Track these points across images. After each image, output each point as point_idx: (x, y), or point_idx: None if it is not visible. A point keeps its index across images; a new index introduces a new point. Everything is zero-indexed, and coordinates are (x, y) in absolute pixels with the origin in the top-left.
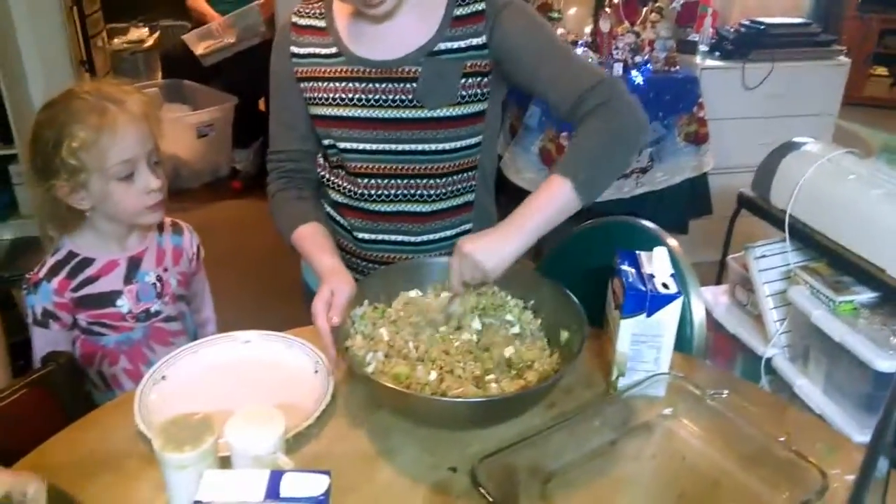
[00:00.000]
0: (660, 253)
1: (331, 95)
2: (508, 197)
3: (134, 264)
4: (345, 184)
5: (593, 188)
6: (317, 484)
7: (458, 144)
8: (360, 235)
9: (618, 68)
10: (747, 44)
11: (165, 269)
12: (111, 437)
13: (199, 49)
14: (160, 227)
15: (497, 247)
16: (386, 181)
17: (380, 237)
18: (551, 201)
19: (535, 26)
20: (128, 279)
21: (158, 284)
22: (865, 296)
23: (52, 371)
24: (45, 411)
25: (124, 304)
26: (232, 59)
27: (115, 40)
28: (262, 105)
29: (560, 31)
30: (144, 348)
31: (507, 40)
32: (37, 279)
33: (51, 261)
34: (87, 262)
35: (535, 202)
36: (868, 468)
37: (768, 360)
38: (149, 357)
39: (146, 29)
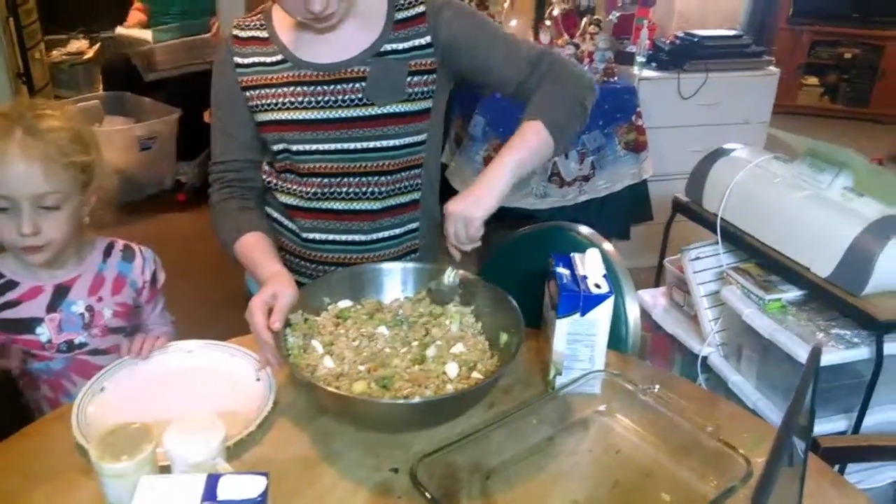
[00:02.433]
0: (592, 255)
1: (279, 100)
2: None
3: (61, 292)
4: (295, 186)
5: (563, 130)
6: (254, 485)
7: (406, 141)
8: (311, 236)
9: (548, 47)
10: (682, 55)
11: (100, 299)
12: (49, 449)
13: (146, 71)
14: (106, 252)
15: (482, 197)
16: (338, 179)
17: (330, 237)
18: (527, 139)
19: (475, 20)
20: (51, 307)
21: (87, 315)
22: (792, 294)
23: None
24: None
25: (44, 332)
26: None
27: (54, 52)
28: (206, 117)
29: None
30: (65, 380)
31: (453, 38)
32: None
33: None
34: (11, 284)
35: (513, 143)
36: (779, 450)
37: (704, 359)
38: (70, 390)
39: (86, 41)
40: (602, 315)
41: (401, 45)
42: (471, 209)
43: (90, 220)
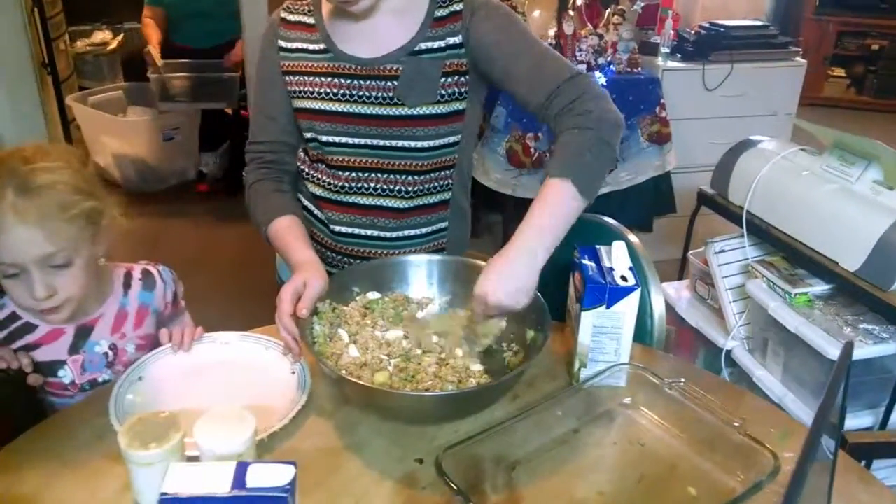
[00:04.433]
0: (618, 247)
1: (316, 89)
2: (476, 197)
3: (83, 333)
4: (324, 177)
5: (594, 183)
6: (282, 474)
7: (438, 143)
8: (337, 228)
9: (581, 70)
10: (707, 46)
11: (123, 336)
12: (78, 437)
13: (160, 100)
14: (126, 285)
15: (518, 285)
16: (365, 174)
17: (356, 231)
18: (562, 209)
19: (509, 24)
20: (74, 349)
21: (111, 353)
22: (819, 288)
23: (2, 382)
24: None
25: (66, 374)
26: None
27: (78, 43)
28: (228, 109)
29: None
30: None
31: (482, 40)
32: None
33: None
34: (30, 327)
35: (545, 214)
36: (811, 447)
37: (728, 353)
38: None
39: (109, 32)
40: (628, 308)
41: (436, 44)
42: (512, 302)
43: (106, 260)
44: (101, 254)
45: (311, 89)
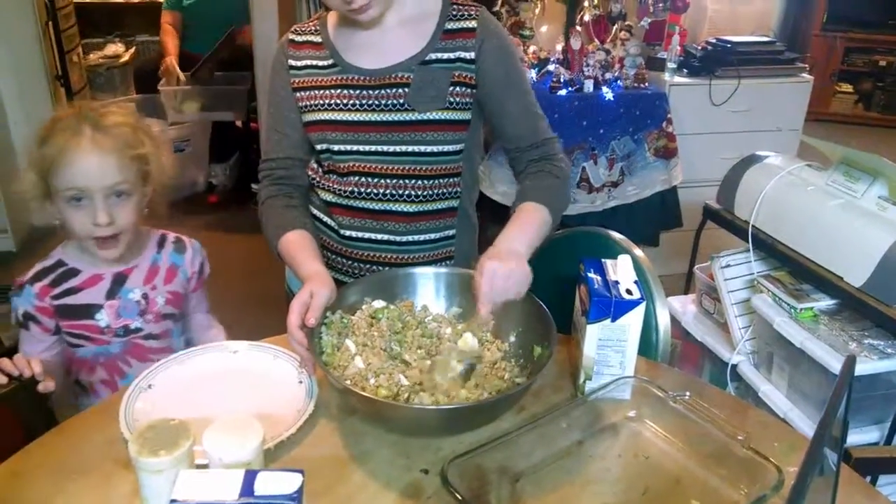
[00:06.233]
0: (624, 260)
1: (326, 101)
2: (482, 210)
3: (119, 280)
4: (335, 185)
5: (559, 217)
6: (290, 482)
7: (444, 148)
8: (347, 233)
9: (589, 85)
10: (714, 61)
11: (154, 288)
12: (90, 442)
13: (171, 111)
14: (160, 244)
15: (522, 279)
16: (375, 180)
17: (366, 235)
18: (538, 223)
19: (514, 65)
20: (110, 294)
21: (143, 302)
22: (825, 303)
23: (14, 389)
24: (6, 429)
25: (103, 318)
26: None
27: (91, 55)
28: (238, 121)
29: (532, 48)
30: (121, 362)
31: (490, 68)
32: (22, 282)
33: (38, 266)
34: (73, 272)
35: (525, 226)
36: (812, 459)
37: (734, 367)
38: (125, 371)
39: (122, 45)
40: (633, 321)
41: (445, 55)
42: (522, 288)
43: (147, 212)
44: (146, 201)
45: (321, 102)
